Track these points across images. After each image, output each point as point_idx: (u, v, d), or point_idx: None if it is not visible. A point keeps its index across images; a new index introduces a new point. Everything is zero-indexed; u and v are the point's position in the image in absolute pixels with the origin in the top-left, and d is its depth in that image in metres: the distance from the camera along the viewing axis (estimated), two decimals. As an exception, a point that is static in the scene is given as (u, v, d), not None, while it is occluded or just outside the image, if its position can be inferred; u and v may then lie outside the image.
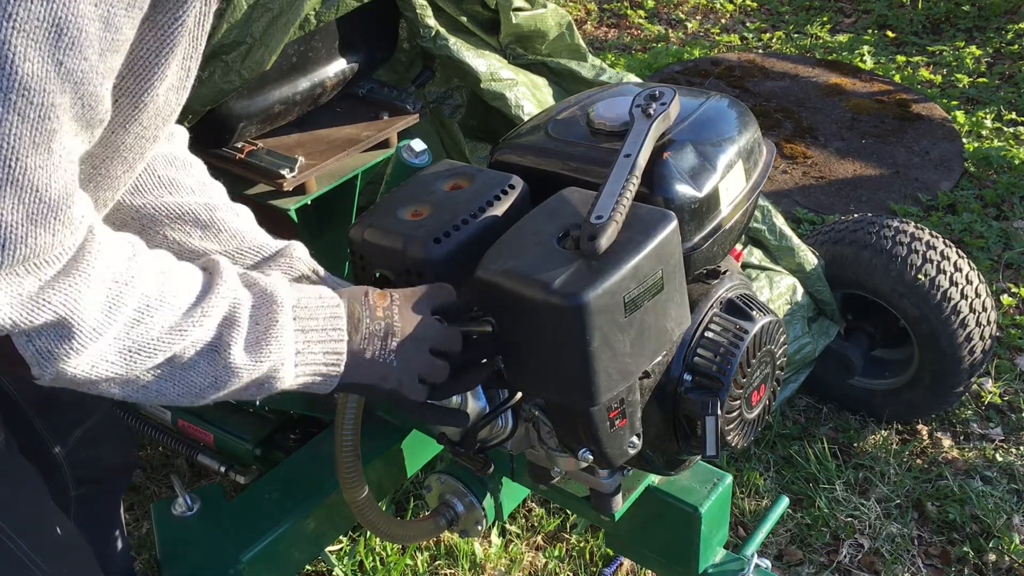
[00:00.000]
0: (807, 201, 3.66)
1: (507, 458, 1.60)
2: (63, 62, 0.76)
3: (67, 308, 0.87)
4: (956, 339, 2.37)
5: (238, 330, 0.99)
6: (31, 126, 0.77)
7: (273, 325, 1.01)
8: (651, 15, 5.57)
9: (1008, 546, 2.29)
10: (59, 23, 0.75)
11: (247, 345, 1.00)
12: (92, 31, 0.78)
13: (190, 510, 1.72)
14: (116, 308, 0.90)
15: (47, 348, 0.88)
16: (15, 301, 0.84)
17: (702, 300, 1.33)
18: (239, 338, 0.99)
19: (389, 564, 2.25)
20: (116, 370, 0.93)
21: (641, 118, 1.26)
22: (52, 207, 0.82)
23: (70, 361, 0.90)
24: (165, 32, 0.91)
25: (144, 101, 0.96)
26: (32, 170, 0.79)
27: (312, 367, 1.06)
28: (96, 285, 0.89)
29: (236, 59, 1.70)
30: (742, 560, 1.71)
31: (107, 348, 0.91)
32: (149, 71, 0.93)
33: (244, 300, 1.01)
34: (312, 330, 1.05)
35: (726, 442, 1.32)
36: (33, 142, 0.78)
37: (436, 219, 1.25)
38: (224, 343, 0.98)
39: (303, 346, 1.04)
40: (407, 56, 2.29)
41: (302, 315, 1.04)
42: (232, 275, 1.02)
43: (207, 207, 1.24)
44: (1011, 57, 4.79)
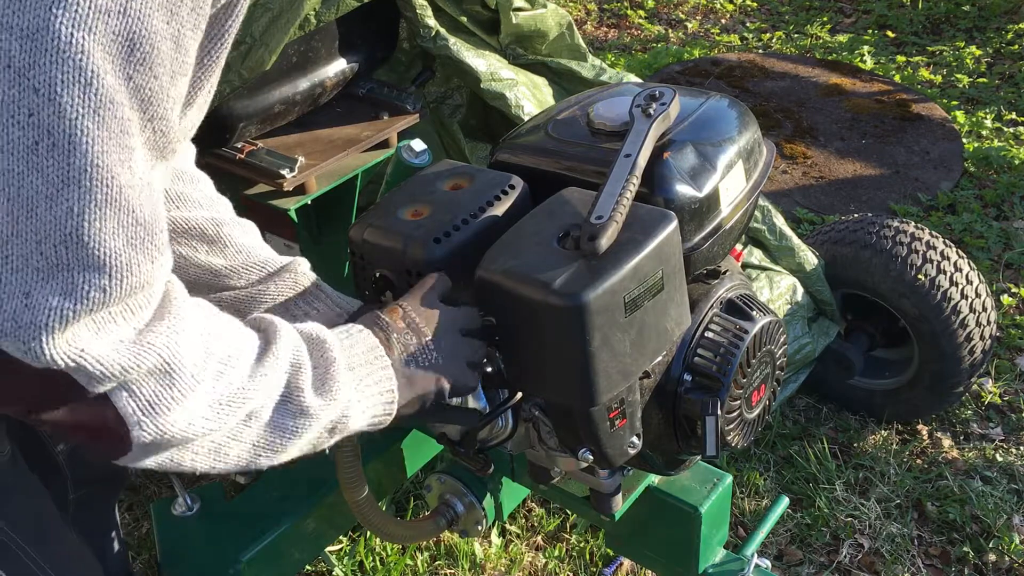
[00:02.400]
0: (807, 201, 3.66)
1: (507, 458, 1.60)
2: (132, 77, 0.73)
3: (170, 351, 0.82)
4: (956, 339, 2.37)
5: (304, 374, 0.97)
6: (116, 142, 0.72)
7: (332, 365, 1.00)
8: (651, 15, 5.57)
9: (1008, 546, 2.29)
10: (133, 38, 0.71)
11: (315, 386, 0.98)
12: (164, 50, 0.74)
13: (190, 510, 1.72)
14: (208, 356, 0.86)
15: (151, 398, 0.82)
16: (120, 347, 0.79)
17: (702, 300, 1.33)
18: (307, 381, 0.97)
19: (389, 564, 2.25)
20: (209, 425, 0.89)
21: (641, 118, 1.26)
22: (148, 229, 0.77)
23: (171, 415, 0.84)
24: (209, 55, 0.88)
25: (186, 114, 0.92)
26: (126, 189, 0.74)
27: (371, 399, 1.04)
28: (191, 331, 0.85)
29: (236, 59, 1.70)
30: (742, 560, 1.71)
31: (201, 400, 0.87)
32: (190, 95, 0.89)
33: (303, 348, 0.99)
34: (358, 366, 1.03)
35: (726, 442, 1.32)
36: (120, 159, 0.73)
37: (436, 219, 1.25)
38: (296, 387, 0.96)
39: (357, 382, 1.03)
40: (407, 56, 2.29)
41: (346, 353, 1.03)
42: (286, 326, 0.99)
43: (214, 221, 1.23)
44: (1011, 57, 4.79)
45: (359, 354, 1.04)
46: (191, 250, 1.21)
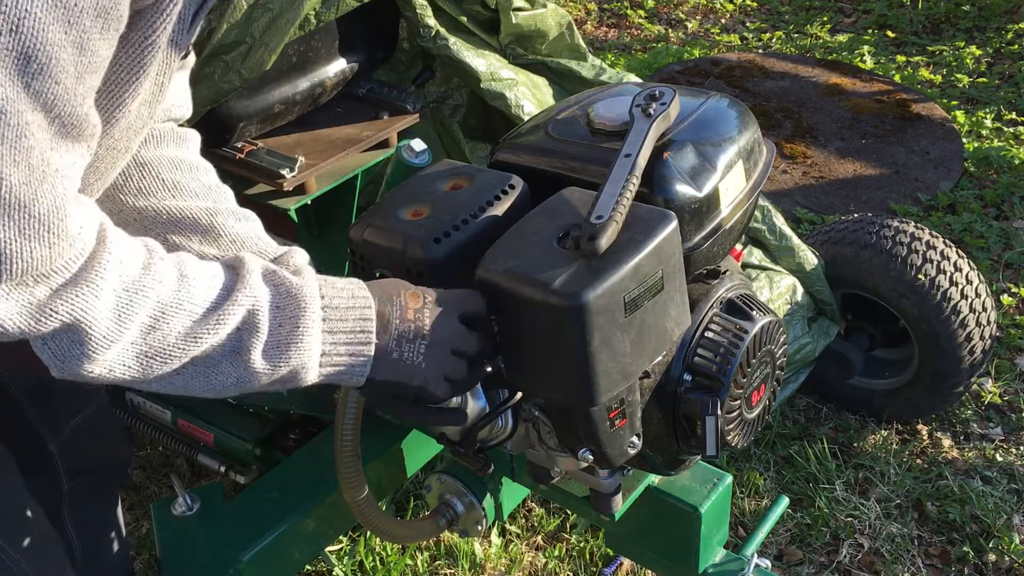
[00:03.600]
0: (807, 201, 3.66)
1: (507, 458, 1.60)
2: (31, 85, 0.80)
3: (75, 316, 0.89)
4: (956, 339, 2.37)
5: (258, 335, 1.00)
6: (10, 146, 0.80)
7: (296, 328, 1.02)
8: (651, 15, 5.57)
9: (1008, 546, 2.29)
10: (27, 51, 0.79)
11: (267, 349, 1.01)
12: (64, 56, 0.81)
13: (190, 510, 1.72)
14: (128, 316, 0.92)
15: (61, 352, 0.91)
16: (24, 309, 0.87)
17: (702, 300, 1.33)
18: (259, 343, 1.01)
19: (389, 564, 2.25)
20: (134, 373, 0.96)
21: (641, 118, 1.26)
22: (43, 221, 0.84)
23: (85, 365, 0.93)
24: (138, 50, 0.93)
25: (116, 116, 0.99)
26: (16, 187, 0.82)
27: (339, 367, 1.07)
28: (106, 294, 0.91)
29: (236, 59, 1.70)
30: (742, 560, 1.71)
31: (123, 353, 0.94)
32: (122, 88, 0.96)
33: (264, 304, 1.01)
34: (341, 331, 1.06)
35: (726, 442, 1.32)
36: (13, 160, 0.81)
37: (436, 219, 1.25)
38: (244, 347, 1.00)
39: (330, 347, 1.05)
40: (407, 56, 2.29)
41: (332, 316, 1.05)
42: (256, 275, 1.02)
43: (208, 211, 1.24)
44: (1011, 57, 4.79)
45: (349, 321, 1.06)
46: (185, 240, 1.22)
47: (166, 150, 1.27)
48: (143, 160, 1.24)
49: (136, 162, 1.23)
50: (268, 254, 1.24)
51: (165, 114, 1.28)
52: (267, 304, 1.01)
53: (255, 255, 1.08)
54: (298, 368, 1.04)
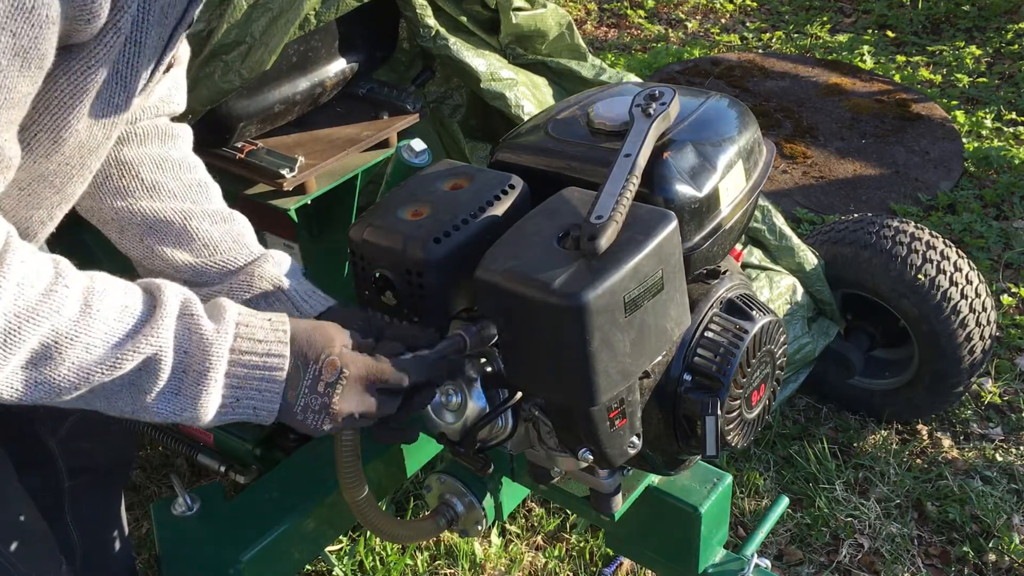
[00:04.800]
0: (807, 201, 3.66)
1: (507, 458, 1.60)
2: None
3: None
4: (956, 339, 2.37)
5: (157, 381, 0.98)
6: None
7: (198, 382, 1.00)
8: (651, 15, 5.57)
9: (1008, 546, 2.29)
10: None
11: (166, 393, 1.00)
12: None
13: (190, 510, 1.72)
14: (14, 341, 0.89)
15: None
16: None
17: (702, 300, 1.33)
18: (156, 388, 0.99)
19: (389, 564, 2.25)
20: (25, 397, 0.93)
21: (641, 118, 1.26)
22: None
23: None
24: (79, 78, 0.94)
25: (63, 137, 0.98)
26: None
27: (238, 414, 1.05)
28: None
29: (236, 59, 1.70)
30: (742, 560, 1.71)
31: (10, 377, 0.91)
32: (65, 111, 0.96)
33: (169, 350, 0.98)
34: (245, 387, 1.04)
35: (726, 442, 1.32)
36: None
37: (436, 219, 1.25)
38: (141, 388, 0.98)
39: (232, 400, 1.04)
40: (407, 56, 2.29)
41: (238, 372, 1.03)
42: (170, 316, 0.99)
43: (183, 213, 1.23)
44: (1011, 57, 4.79)
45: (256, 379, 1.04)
46: (158, 242, 1.21)
47: (149, 148, 1.27)
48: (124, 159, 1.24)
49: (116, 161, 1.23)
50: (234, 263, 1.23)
51: (154, 111, 1.28)
52: (171, 350, 0.98)
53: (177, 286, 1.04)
54: (193, 416, 1.02)
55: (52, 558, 1.45)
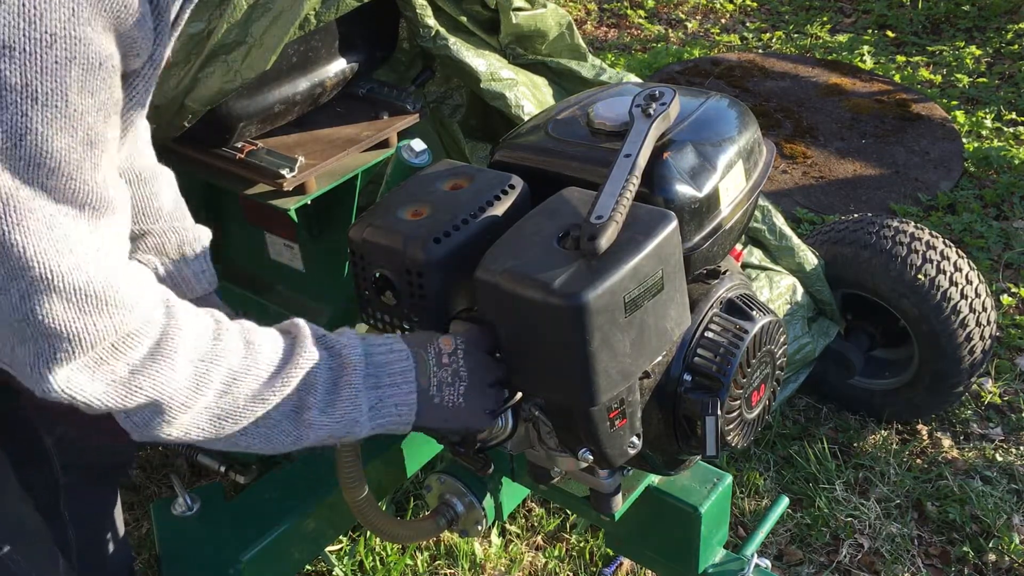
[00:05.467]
0: (807, 201, 3.66)
1: (507, 458, 1.60)
2: (46, 185, 0.86)
3: (156, 391, 0.96)
4: (956, 339, 2.37)
5: (315, 394, 1.08)
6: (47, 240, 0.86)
7: (347, 387, 1.10)
8: (651, 15, 5.57)
9: (1008, 546, 2.29)
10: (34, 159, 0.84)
11: (325, 406, 1.09)
12: (75, 157, 0.87)
13: (190, 510, 1.72)
14: (203, 384, 1.00)
15: (144, 420, 0.99)
16: (110, 388, 0.94)
17: (702, 300, 1.33)
18: (316, 401, 1.08)
19: (389, 564, 2.25)
20: (207, 434, 1.04)
21: (641, 118, 1.26)
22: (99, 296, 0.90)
23: (163, 429, 1.00)
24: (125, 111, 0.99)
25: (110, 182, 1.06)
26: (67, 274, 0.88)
27: (386, 419, 1.14)
28: (182, 366, 0.98)
29: (236, 59, 1.70)
30: (742, 560, 1.71)
31: (198, 417, 1.02)
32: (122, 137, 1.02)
33: (321, 365, 1.09)
34: (385, 386, 1.13)
35: (726, 442, 1.32)
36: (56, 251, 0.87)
37: (436, 219, 1.25)
38: (303, 405, 1.08)
39: (376, 401, 1.12)
40: (407, 56, 2.29)
41: (374, 372, 1.12)
42: (310, 339, 1.10)
43: None
44: (1011, 57, 4.79)
45: (389, 375, 1.13)
46: None
47: None
48: None
49: None
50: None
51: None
52: (323, 366, 1.09)
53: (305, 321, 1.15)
54: (351, 422, 1.11)
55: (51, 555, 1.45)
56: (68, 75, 0.83)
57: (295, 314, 1.20)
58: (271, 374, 1.06)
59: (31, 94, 0.82)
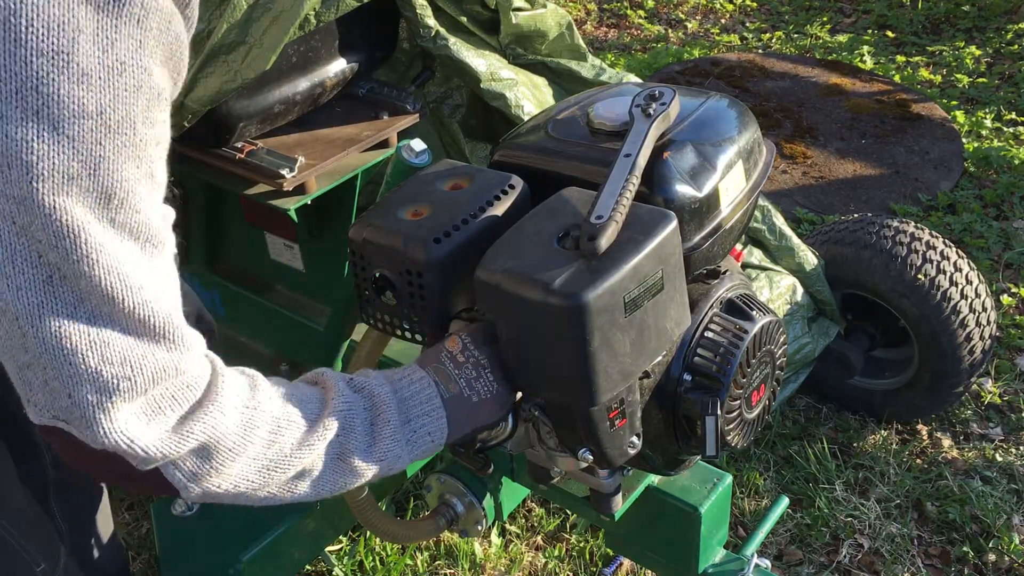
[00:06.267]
0: (807, 201, 3.66)
1: (507, 458, 1.60)
2: (115, 219, 0.86)
3: (207, 435, 0.96)
4: (956, 339, 2.37)
5: (355, 437, 1.08)
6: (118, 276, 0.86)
7: (385, 425, 1.11)
8: (651, 15, 5.57)
9: (1008, 546, 2.29)
10: (107, 191, 0.84)
11: (367, 447, 1.09)
12: (140, 189, 0.87)
13: (190, 510, 1.72)
14: (251, 431, 1.00)
15: (192, 472, 0.97)
16: (164, 435, 0.93)
17: (702, 300, 1.33)
18: (359, 444, 1.09)
19: (389, 564, 2.25)
20: (254, 485, 1.03)
21: (641, 118, 1.26)
22: (159, 330, 0.90)
23: (212, 480, 0.99)
24: None
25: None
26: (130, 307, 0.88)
27: (421, 448, 1.14)
28: (230, 412, 0.98)
29: (236, 59, 1.70)
30: (742, 560, 1.71)
31: (246, 467, 1.01)
32: None
33: (356, 408, 1.09)
34: (416, 417, 1.13)
35: (726, 442, 1.32)
36: (125, 285, 0.87)
37: (436, 219, 1.25)
38: (345, 451, 1.08)
39: (411, 434, 1.13)
40: (407, 56, 2.29)
41: (404, 407, 1.13)
42: (341, 386, 1.10)
43: None
44: (1011, 57, 4.79)
45: (417, 405, 1.13)
46: None
47: None
48: None
49: None
50: None
51: None
52: (358, 407, 1.09)
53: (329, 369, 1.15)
54: (393, 459, 1.11)
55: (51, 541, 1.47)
56: (136, 104, 0.84)
57: (295, 314, 1.20)
58: (312, 422, 1.06)
59: (105, 122, 0.82)
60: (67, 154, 0.81)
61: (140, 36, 0.83)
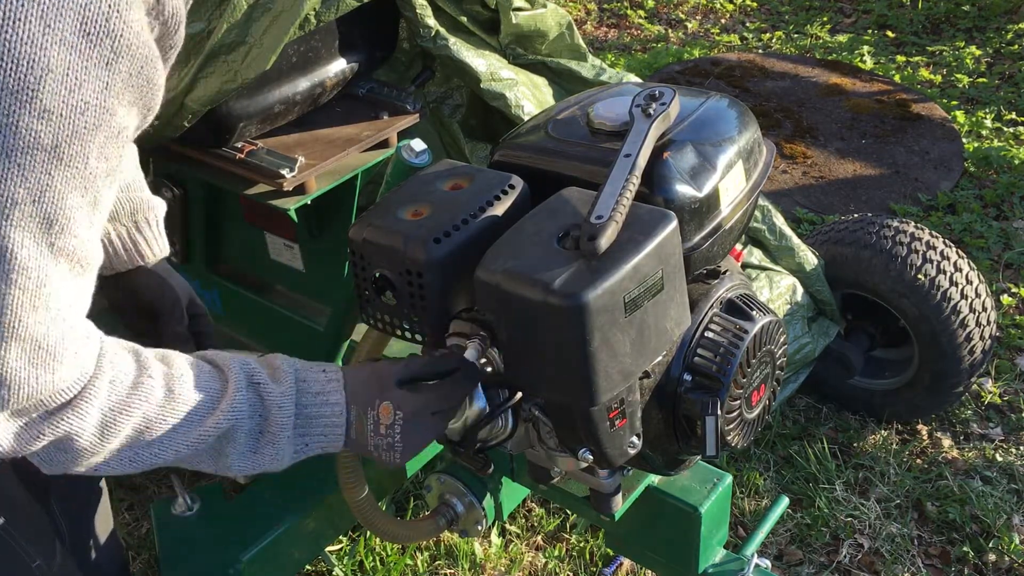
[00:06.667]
0: (807, 201, 3.66)
1: (507, 458, 1.60)
2: (54, 244, 0.90)
3: (59, 437, 0.98)
4: (956, 339, 2.37)
5: (236, 445, 1.11)
6: (30, 295, 0.90)
7: (271, 443, 1.13)
8: (651, 15, 5.57)
9: (1008, 546, 2.29)
10: (49, 217, 0.88)
11: (244, 455, 1.13)
12: (81, 216, 0.91)
13: (190, 510, 1.72)
14: (112, 432, 1.01)
15: (49, 458, 1.01)
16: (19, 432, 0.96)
17: (702, 300, 1.33)
18: (237, 450, 1.12)
19: (389, 564, 2.25)
20: (120, 470, 1.06)
21: (641, 118, 1.26)
22: (52, 352, 0.93)
23: (71, 468, 1.02)
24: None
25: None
26: (33, 327, 0.91)
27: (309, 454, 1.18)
28: (92, 415, 0.99)
29: (236, 59, 1.70)
30: (742, 560, 1.71)
31: (108, 459, 1.04)
32: None
33: (245, 421, 1.11)
34: (311, 434, 1.16)
35: (726, 442, 1.32)
36: (32, 306, 0.90)
37: (436, 219, 1.25)
38: (223, 453, 1.11)
39: (302, 446, 1.16)
40: (407, 56, 2.29)
41: (304, 423, 1.15)
42: (241, 388, 1.11)
43: None
44: (1011, 57, 4.79)
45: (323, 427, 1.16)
46: None
47: None
48: None
49: None
50: None
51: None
52: (246, 418, 1.11)
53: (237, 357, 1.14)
54: (270, 467, 1.15)
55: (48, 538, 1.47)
56: (93, 141, 0.88)
57: (295, 314, 1.20)
58: (193, 425, 1.08)
59: (59, 155, 0.86)
60: (15, 181, 0.85)
61: (108, 79, 0.87)
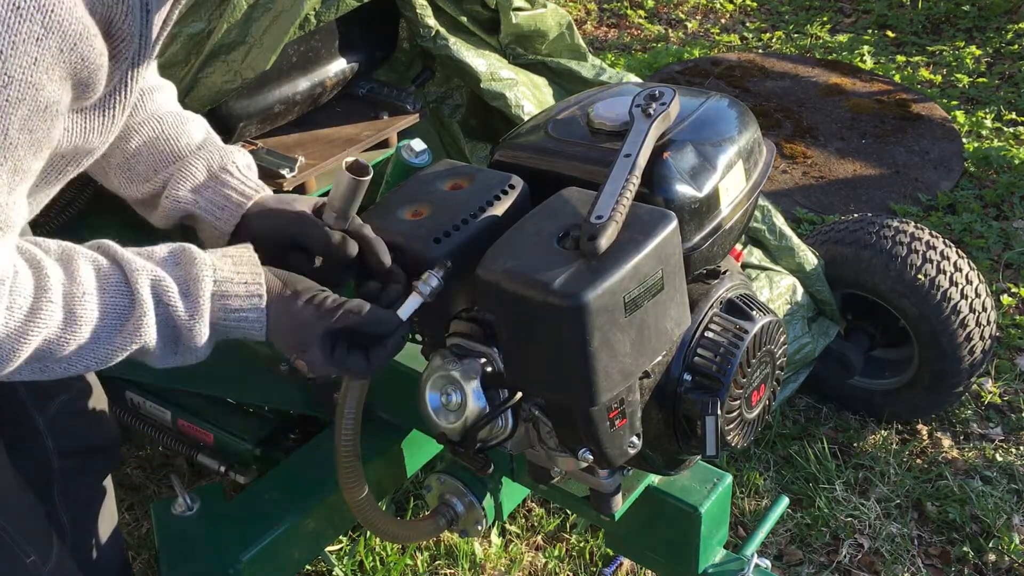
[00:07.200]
0: (807, 201, 3.66)
1: (507, 458, 1.60)
2: None
3: None
4: (956, 339, 2.37)
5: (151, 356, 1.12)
6: None
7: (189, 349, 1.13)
8: (651, 15, 5.57)
9: (1008, 546, 2.29)
10: None
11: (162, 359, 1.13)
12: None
13: (190, 510, 1.72)
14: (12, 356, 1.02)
15: None
16: None
17: (702, 300, 1.33)
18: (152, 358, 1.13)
19: (389, 564, 2.25)
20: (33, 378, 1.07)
21: (641, 118, 1.26)
22: None
23: None
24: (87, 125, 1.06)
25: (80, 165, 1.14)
26: None
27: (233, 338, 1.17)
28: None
29: (236, 59, 1.70)
30: (742, 560, 1.71)
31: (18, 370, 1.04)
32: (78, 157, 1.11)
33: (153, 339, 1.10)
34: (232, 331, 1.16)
35: (726, 442, 1.32)
36: None
37: (436, 219, 1.25)
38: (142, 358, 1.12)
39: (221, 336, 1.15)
40: (407, 56, 2.29)
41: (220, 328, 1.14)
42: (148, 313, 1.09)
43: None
44: (1011, 57, 4.79)
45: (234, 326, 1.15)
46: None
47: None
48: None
49: None
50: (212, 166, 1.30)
51: None
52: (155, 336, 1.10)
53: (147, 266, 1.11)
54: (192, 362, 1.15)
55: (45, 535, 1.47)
56: (14, 113, 0.90)
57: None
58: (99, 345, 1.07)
59: None
60: None
61: (36, 54, 0.88)
